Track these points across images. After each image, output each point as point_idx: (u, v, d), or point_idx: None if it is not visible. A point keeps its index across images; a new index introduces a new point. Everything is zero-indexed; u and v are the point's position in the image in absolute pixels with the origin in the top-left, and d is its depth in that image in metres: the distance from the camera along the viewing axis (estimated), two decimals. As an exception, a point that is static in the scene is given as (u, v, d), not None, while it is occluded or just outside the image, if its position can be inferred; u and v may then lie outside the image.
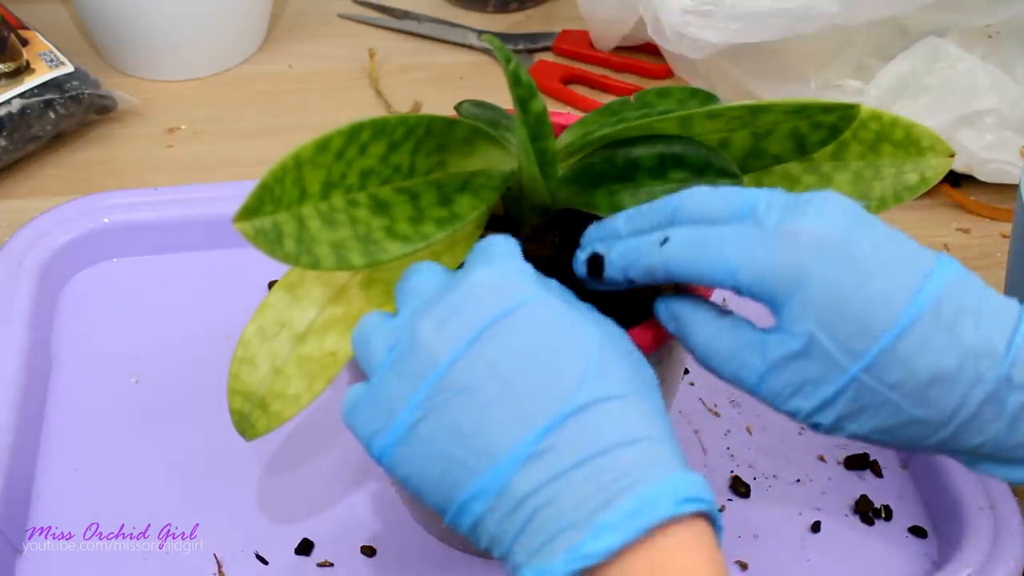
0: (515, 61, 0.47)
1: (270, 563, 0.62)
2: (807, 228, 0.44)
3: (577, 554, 0.40)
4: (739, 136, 0.51)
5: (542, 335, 0.43)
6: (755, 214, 0.45)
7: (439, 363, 0.43)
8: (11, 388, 0.65)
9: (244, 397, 0.53)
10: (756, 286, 0.44)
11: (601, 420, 0.42)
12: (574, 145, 0.52)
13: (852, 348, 0.43)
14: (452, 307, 0.44)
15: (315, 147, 0.46)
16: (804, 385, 0.45)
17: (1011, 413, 0.44)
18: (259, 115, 0.90)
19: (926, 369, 0.43)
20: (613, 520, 0.40)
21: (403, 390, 0.44)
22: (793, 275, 0.44)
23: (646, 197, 0.50)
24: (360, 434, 0.46)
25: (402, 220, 0.48)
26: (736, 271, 0.44)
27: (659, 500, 0.40)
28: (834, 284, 0.43)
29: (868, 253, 0.44)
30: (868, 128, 0.54)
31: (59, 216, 0.75)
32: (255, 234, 0.45)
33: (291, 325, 0.52)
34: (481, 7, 1.01)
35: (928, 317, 0.43)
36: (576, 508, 0.41)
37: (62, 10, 0.98)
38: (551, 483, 0.41)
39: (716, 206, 0.46)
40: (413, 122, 0.48)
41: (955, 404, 0.44)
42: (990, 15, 0.85)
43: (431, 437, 0.43)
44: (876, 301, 0.43)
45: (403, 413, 0.44)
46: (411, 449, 0.44)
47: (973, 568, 0.60)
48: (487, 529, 0.43)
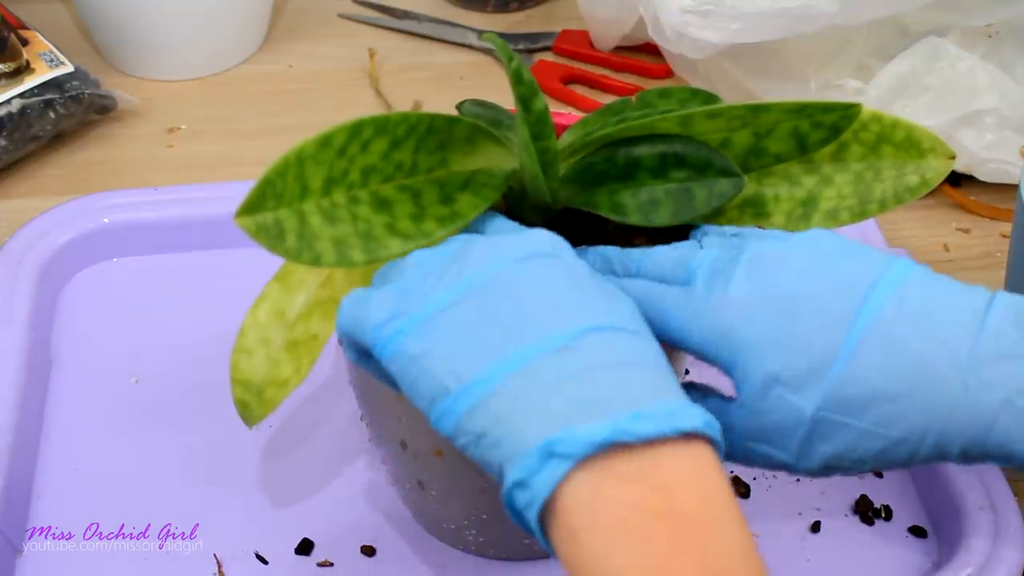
0: (517, 60, 0.47)
1: (270, 563, 0.62)
2: (732, 291, 0.46)
3: (618, 427, 0.39)
4: (740, 136, 0.51)
5: (585, 274, 0.45)
6: (692, 280, 0.47)
7: (489, 267, 0.44)
8: (11, 388, 0.65)
9: (244, 387, 0.54)
10: (691, 348, 0.47)
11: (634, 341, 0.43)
12: (575, 145, 0.52)
13: (803, 389, 0.44)
14: (510, 237, 0.46)
15: (317, 143, 0.46)
16: (776, 438, 0.45)
17: (986, 417, 0.43)
18: (259, 115, 0.90)
19: (883, 389, 0.43)
20: (651, 412, 0.40)
21: (444, 279, 0.44)
22: (727, 340, 0.45)
23: (647, 196, 0.50)
24: (367, 322, 0.45)
25: (403, 217, 0.49)
26: (668, 329, 0.47)
27: (688, 412, 0.41)
28: (770, 339, 0.44)
29: (799, 295, 0.45)
30: (869, 129, 0.54)
31: (59, 216, 0.75)
32: (256, 229, 0.45)
33: (283, 314, 0.53)
34: (481, 7, 1.01)
35: (874, 338, 0.44)
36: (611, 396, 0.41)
37: (62, 10, 0.98)
38: (581, 375, 0.41)
39: (670, 268, 0.48)
40: (415, 120, 0.48)
41: (923, 418, 0.44)
42: (990, 15, 0.85)
43: (463, 317, 0.43)
44: (814, 339, 0.44)
45: (441, 294, 0.44)
46: (437, 325, 0.43)
47: (973, 568, 0.60)
48: (493, 409, 0.42)
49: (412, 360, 0.44)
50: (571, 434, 0.39)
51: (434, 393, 0.43)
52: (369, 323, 0.45)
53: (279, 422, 0.67)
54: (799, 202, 0.54)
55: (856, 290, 0.45)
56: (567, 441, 0.39)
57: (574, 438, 0.39)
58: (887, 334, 0.44)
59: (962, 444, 0.44)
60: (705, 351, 0.46)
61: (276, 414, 0.57)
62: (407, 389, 0.44)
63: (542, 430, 0.40)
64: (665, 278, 0.48)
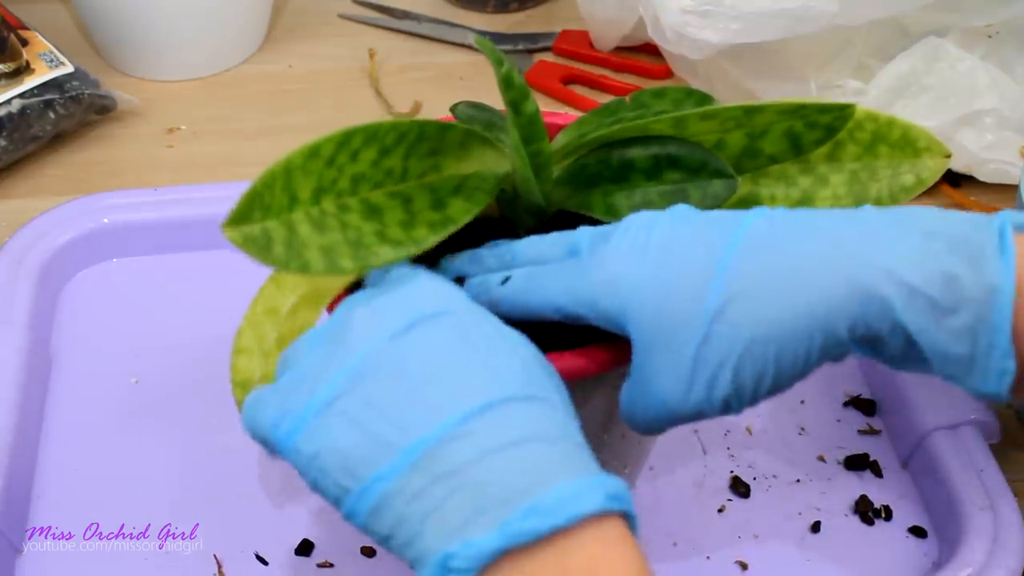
0: (507, 64, 0.47)
1: (270, 563, 0.62)
2: (612, 247, 0.46)
3: (511, 530, 0.39)
4: (734, 137, 0.51)
5: (477, 331, 0.44)
6: (577, 250, 0.47)
7: (369, 345, 0.43)
8: (11, 388, 0.65)
9: (243, 387, 0.54)
10: (583, 312, 0.47)
11: (531, 412, 0.42)
12: (570, 146, 0.52)
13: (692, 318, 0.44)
14: (391, 298, 0.45)
15: (305, 154, 0.46)
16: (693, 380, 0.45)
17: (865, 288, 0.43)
18: (259, 115, 0.90)
19: (765, 288, 0.44)
20: (545, 503, 0.39)
21: (328, 367, 0.43)
22: (613, 288, 0.46)
23: (641, 198, 0.50)
24: (265, 422, 0.44)
25: (394, 224, 0.48)
26: (557, 301, 0.47)
27: (587, 493, 0.40)
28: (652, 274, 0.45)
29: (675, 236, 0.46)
30: (864, 129, 0.54)
31: (59, 216, 0.76)
32: (244, 241, 0.45)
33: (277, 312, 0.53)
34: (481, 7, 1.01)
35: (749, 247, 0.44)
36: (505, 488, 0.40)
37: (62, 10, 0.98)
38: (475, 463, 0.40)
39: (547, 249, 0.49)
40: (405, 128, 0.48)
41: (807, 307, 0.44)
42: (990, 15, 0.85)
43: (350, 411, 0.42)
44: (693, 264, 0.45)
45: (324, 388, 0.43)
46: (325, 423, 0.42)
47: (973, 568, 0.60)
48: (394, 510, 0.41)
49: (309, 460, 0.43)
50: (466, 547, 0.39)
51: (336, 493, 0.42)
52: (265, 423, 0.44)
53: (278, 422, 0.67)
54: (794, 202, 0.54)
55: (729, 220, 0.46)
56: (463, 555, 0.39)
57: (469, 551, 0.39)
58: (760, 242, 0.45)
59: (847, 322, 0.44)
60: (595, 309, 0.46)
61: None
62: (311, 487, 0.43)
63: (439, 542, 0.40)
64: (543, 259, 0.49)
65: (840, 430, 0.69)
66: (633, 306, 0.45)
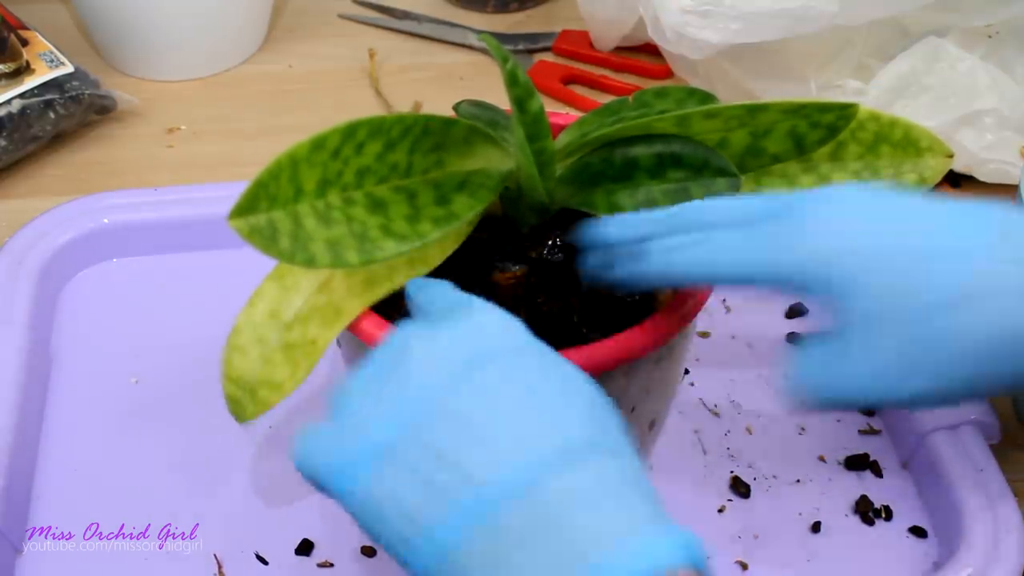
0: (512, 61, 0.47)
1: (270, 563, 0.62)
2: (834, 213, 0.45)
3: None
4: (737, 135, 0.51)
5: (540, 371, 0.42)
6: (787, 211, 0.45)
7: (429, 387, 0.41)
8: (11, 388, 0.65)
9: (236, 384, 0.53)
10: (784, 276, 0.45)
11: (602, 461, 0.40)
12: (572, 145, 0.52)
13: (942, 299, 0.42)
14: (449, 335, 0.43)
15: (311, 145, 0.46)
16: (918, 364, 0.43)
17: None
18: (259, 115, 0.90)
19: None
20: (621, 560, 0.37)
21: (384, 410, 0.41)
22: (831, 258, 0.44)
23: (644, 197, 0.50)
24: (317, 462, 0.42)
25: (399, 219, 0.48)
26: (756, 263, 0.45)
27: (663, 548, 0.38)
28: (894, 248, 0.43)
29: (913, 216, 0.44)
30: (866, 129, 0.54)
31: (59, 216, 0.76)
32: (250, 231, 0.45)
33: (279, 314, 0.53)
34: (481, 7, 1.01)
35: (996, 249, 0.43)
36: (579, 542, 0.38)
37: (62, 10, 0.98)
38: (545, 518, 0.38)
39: (742, 211, 0.46)
40: (410, 121, 0.48)
41: None
42: (990, 15, 0.85)
43: (410, 459, 0.40)
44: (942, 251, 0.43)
45: (381, 433, 0.41)
46: (383, 468, 0.41)
47: (973, 568, 0.60)
48: (462, 564, 0.39)
49: (363, 506, 0.41)
50: None
51: (395, 542, 0.41)
52: (316, 462, 0.42)
53: (279, 422, 0.67)
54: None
55: (971, 208, 0.45)
56: None
57: None
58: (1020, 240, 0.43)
59: None
60: (803, 273, 0.44)
61: (276, 414, 0.57)
62: (368, 532, 0.42)
63: None
64: (736, 222, 0.46)
65: (840, 430, 0.69)
66: (864, 275, 0.43)
